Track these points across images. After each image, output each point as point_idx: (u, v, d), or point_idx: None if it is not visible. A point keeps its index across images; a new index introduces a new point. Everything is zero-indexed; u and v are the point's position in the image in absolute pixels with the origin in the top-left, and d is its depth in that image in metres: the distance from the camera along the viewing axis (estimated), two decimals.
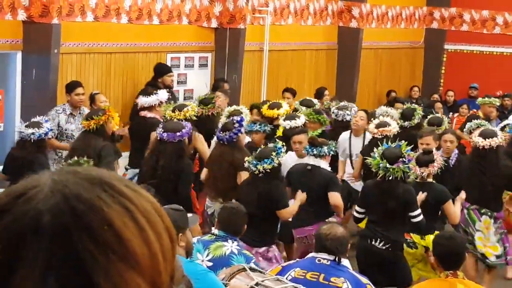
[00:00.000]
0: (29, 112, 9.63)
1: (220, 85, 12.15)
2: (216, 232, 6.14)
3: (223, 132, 8.76)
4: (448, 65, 18.80)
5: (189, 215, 5.87)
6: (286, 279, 5.26)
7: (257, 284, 4.91)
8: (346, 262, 5.60)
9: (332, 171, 9.18)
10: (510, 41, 18.02)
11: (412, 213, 7.57)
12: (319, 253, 5.57)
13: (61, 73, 10.44)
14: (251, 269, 5.17)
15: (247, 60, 13.42)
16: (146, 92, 10.43)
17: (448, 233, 6.72)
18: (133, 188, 1.15)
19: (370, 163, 7.76)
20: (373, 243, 7.55)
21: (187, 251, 5.19)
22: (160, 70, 11.48)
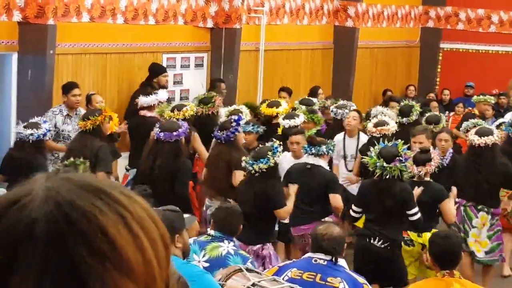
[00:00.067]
0: (25, 113, 9.62)
1: (217, 85, 12.14)
2: (212, 233, 6.14)
3: (221, 131, 8.79)
4: (444, 64, 18.81)
5: (186, 216, 5.87)
6: (283, 280, 5.27)
7: (253, 284, 4.91)
8: (342, 262, 5.61)
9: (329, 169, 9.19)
10: (505, 40, 18.04)
11: (410, 211, 7.58)
12: (316, 253, 5.58)
13: (57, 74, 10.42)
14: (248, 269, 5.18)
15: (243, 60, 13.41)
16: (146, 92, 10.44)
17: (444, 232, 6.73)
18: (127, 194, 1.15)
19: (367, 162, 7.77)
20: (371, 241, 7.56)
21: (184, 252, 5.20)
22: (155, 70, 11.45)
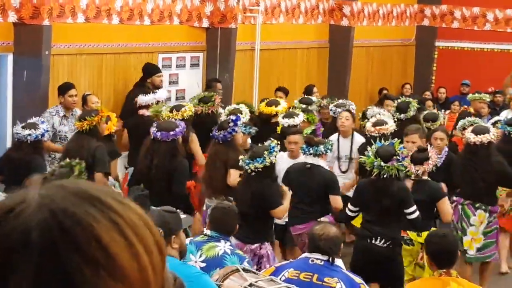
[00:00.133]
0: (21, 114, 9.61)
1: (213, 85, 12.11)
2: (208, 233, 6.13)
3: (218, 131, 8.81)
4: (439, 62, 18.83)
5: (183, 216, 5.88)
6: (280, 280, 5.27)
7: (250, 285, 4.92)
8: (339, 262, 5.61)
9: None
10: (500, 38, 18.06)
11: (408, 210, 7.59)
12: (313, 253, 5.58)
13: (53, 75, 10.40)
14: (245, 269, 5.18)
15: (238, 59, 13.41)
16: (144, 91, 10.44)
17: (441, 231, 6.74)
18: (121, 201, 1.15)
19: (364, 161, 7.78)
20: (373, 242, 7.55)
21: (180, 252, 5.20)
22: (149, 70, 11.36)
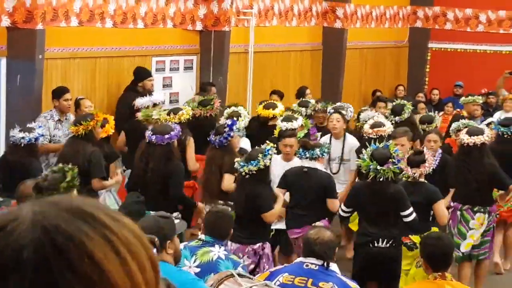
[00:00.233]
0: (14, 118, 9.60)
1: (208, 89, 12.10)
2: (202, 238, 6.12)
3: (215, 136, 8.84)
4: (432, 63, 18.87)
5: (176, 221, 5.87)
6: (275, 285, 5.27)
7: None
8: (334, 267, 5.61)
9: None
10: (493, 39, 18.11)
11: (404, 213, 7.58)
12: (307, 258, 5.57)
13: (46, 79, 10.38)
14: (239, 274, 5.17)
15: (232, 62, 13.42)
16: (136, 95, 10.45)
17: (436, 234, 6.76)
18: (114, 217, 1.16)
19: (360, 164, 7.78)
20: (376, 244, 7.55)
21: (175, 257, 5.20)
22: (140, 74, 11.32)
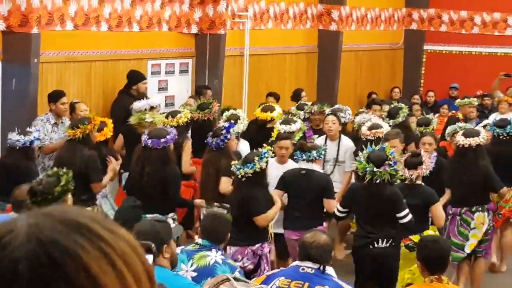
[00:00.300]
0: (10, 122, 9.59)
1: (203, 92, 12.10)
2: (199, 242, 6.11)
3: (212, 139, 8.84)
4: (427, 65, 18.89)
5: (173, 225, 5.88)
6: None
7: None
8: (330, 270, 5.62)
9: None
10: (488, 41, 18.13)
11: (400, 214, 7.59)
12: (303, 262, 5.57)
13: (41, 83, 10.37)
14: (236, 279, 5.16)
15: (227, 65, 13.41)
16: (131, 99, 10.44)
17: (432, 237, 6.78)
18: (110, 229, 1.15)
19: (356, 167, 7.79)
20: (375, 245, 7.57)
21: (172, 262, 5.20)
22: (134, 77, 11.29)
